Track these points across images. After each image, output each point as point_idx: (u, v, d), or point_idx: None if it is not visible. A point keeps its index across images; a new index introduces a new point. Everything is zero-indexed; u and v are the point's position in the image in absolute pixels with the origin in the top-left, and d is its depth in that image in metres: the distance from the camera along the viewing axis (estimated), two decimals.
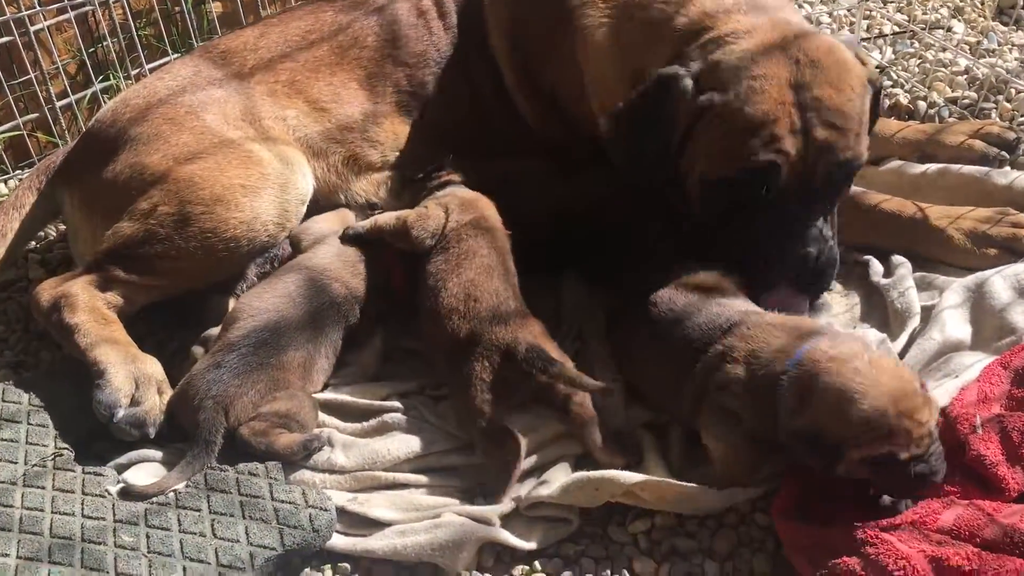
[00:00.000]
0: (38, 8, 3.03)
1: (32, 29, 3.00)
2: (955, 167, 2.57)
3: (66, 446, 2.09)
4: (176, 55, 3.24)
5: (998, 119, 2.81)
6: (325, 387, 2.23)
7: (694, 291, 2.06)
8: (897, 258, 2.35)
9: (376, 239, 2.33)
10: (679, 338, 1.98)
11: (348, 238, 2.37)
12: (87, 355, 2.22)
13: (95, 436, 2.16)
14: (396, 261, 2.30)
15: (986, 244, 2.32)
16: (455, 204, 2.30)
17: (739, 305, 2.01)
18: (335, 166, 2.59)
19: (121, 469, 2.08)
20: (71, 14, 3.06)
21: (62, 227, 2.83)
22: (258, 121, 2.55)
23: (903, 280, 2.26)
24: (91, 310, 2.29)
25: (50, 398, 2.21)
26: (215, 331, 2.22)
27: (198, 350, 2.23)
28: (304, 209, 2.49)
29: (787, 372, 1.77)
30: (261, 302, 2.13)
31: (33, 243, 2.85)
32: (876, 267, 2.36)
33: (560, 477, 1.94)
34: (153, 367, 2.23)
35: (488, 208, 2.32)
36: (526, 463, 1.98)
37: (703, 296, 2.04)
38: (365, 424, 2.14)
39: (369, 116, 2.61)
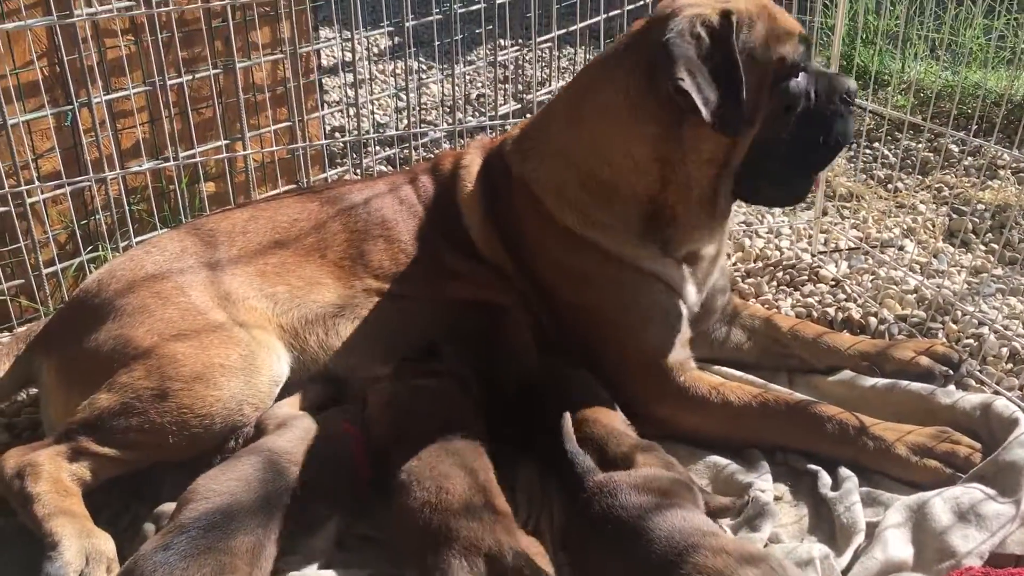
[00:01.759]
0: (37, 183, 3.18)
1: (28, 201, 3.13)
2: (903, 383, 2.68)
3: None
4: (164, 229, 3.37)
5: (944, 339, 2.95)
6: (272, 574, 2.22)
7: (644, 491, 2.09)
8: (844, 471, 2.42)
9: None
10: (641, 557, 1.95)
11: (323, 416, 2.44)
12: (43, 526, 2.21)
13: None
14: (362, 451, 2.34)
15: (927, 456, 2.40)
16: (423, 396, 2.35)
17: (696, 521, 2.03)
18: (313, 346, 2.67)
19: None
20: (68, 189, 3.21)
21: (32, 391, 2.87)
22: (241, 302, 2.64)
23: (849, 494, 2.32)
24: (54, 481, 2.30)
25: None
26: (169, 507, 2.23)
27: (149, 528, 2.23)
28: (277, 391, 2.56)
29: None
30: (217, 484, 2.15)
31: (1, 406, 2.88)
32: (824, 479, 2.42)
33: None
34: (106, 544, 2.23)
35: (460, 397, 2.37)
36: None
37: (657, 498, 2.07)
38: None
39: (348, 299, 2.71)
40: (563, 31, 4.42)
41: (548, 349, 2.70)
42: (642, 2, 4.34)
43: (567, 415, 2.30)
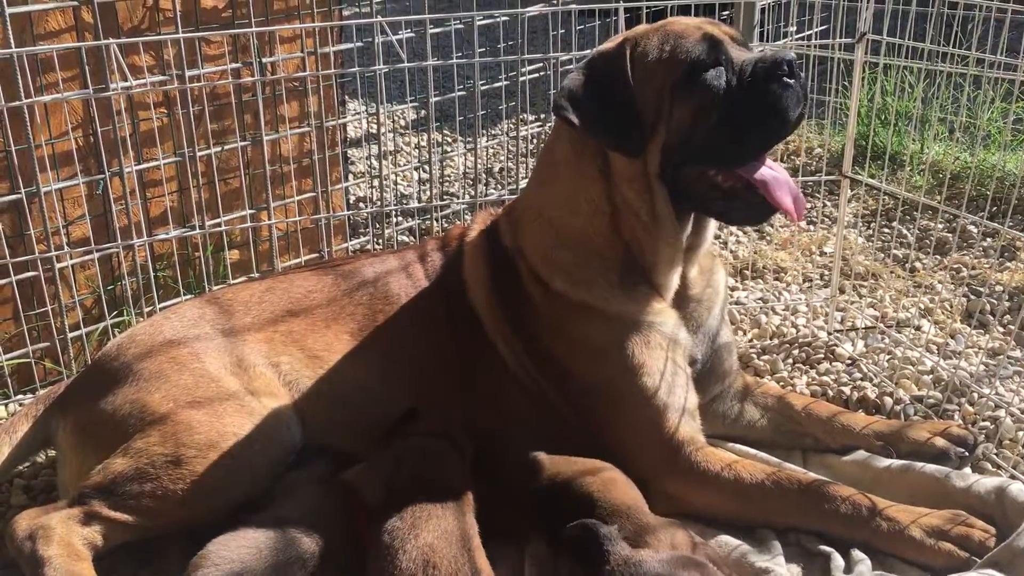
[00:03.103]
0: (67, 248, 3.26)
1: (57, 266, 3.21)
2: (917, 465, 2.66)
3: None
4: (189, 296, 3.44)
5: (960, 420, 2.93)
6: None
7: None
8: (857, 553, 2.39)
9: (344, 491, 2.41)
10: None
11: (324, 486, 2.45)
12: None
13: None
14: (364, 520, 2.35)
15: (942, 539, 2.37)
16: (411, 458, 2.36)
17: None
18: (321, 417, 2.70)
19: None
20: (96, 255, 3.29)
21: (51, 453, 2.90)
22: (253, 369, 2.68)
23: None
24: (65, 545, 2.33)
25: None
26: None
27: None
28: (290, 459, 2.58)
29: None
30: (227, 551, 2.17)
31: (20, 468, 2.92)
32: (837, 561, 2.40)
33: None
34: None
35: (449, 462, 2.38)
36: None
37: None
38: None
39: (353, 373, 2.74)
40: None
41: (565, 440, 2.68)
42: None
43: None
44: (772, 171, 2.54)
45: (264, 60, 3.57)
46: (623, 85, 2.51)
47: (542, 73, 4.25)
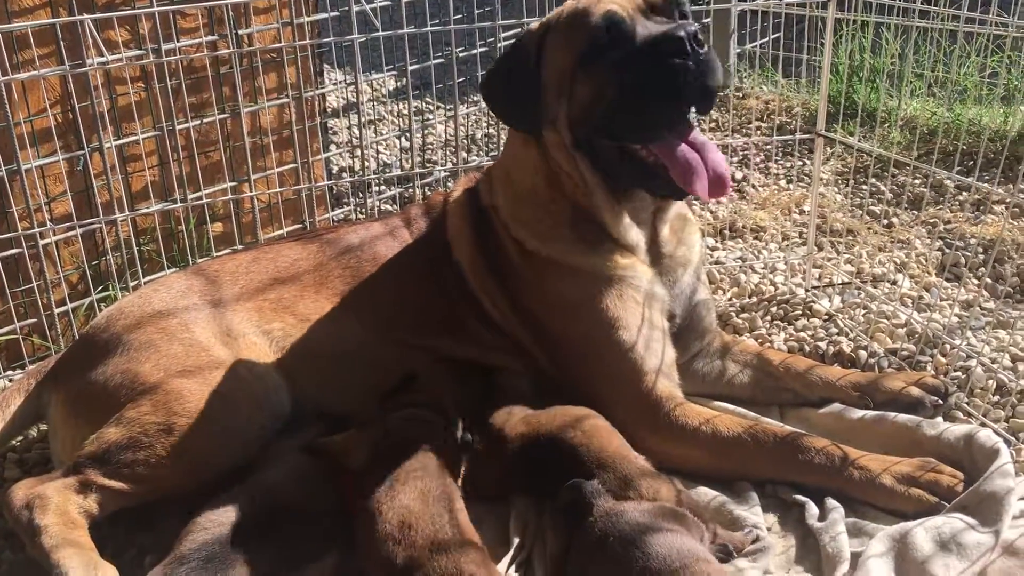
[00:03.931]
0: (50, 225, 3.29)
1: (41, 243, 3.24)
2: (890, 415, 2.72)
3: None
4: (173, 269, 3.47)
5: (933, 371, 3.00)
6: None
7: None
8: (831, 502, 2.46)
9: (329, 456, 2.46)
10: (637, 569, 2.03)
11: (307, 451, 2.50)
12: (50, 557, 2.28)
13: None
14: (351, 485, 2.40)
15: (912, 485, 2.44)
16: (399, 427, 2.41)
17: (693, 546, 2.10)
18: (312, 383, 2.75)
19: None
20: (79, 231, 3.31)
21: (43, 427, 2.95)
22: (244, 338, 2.73)
23: (835, 525, 2.36)
24: (61, 513, 2.38)
25: None
26: None
27: (152, 561, 2.30)
28: (279, 426, 2.63)
29: None
30: (215, 515, 2.22)
31: (14, 442, 2.96)
32: (812, 509, 2.47)
33: None
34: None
35: (435, 433, 2.43)
36: None
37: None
38: None
39: (343, 339, 2.79)
40: None
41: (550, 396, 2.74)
42: None
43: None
44: (688, 151, 2.53)
45: (240, 32, 3.58)
46: (524, 71, 2.65)
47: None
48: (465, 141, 5.09)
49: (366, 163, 4.07)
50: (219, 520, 2.20)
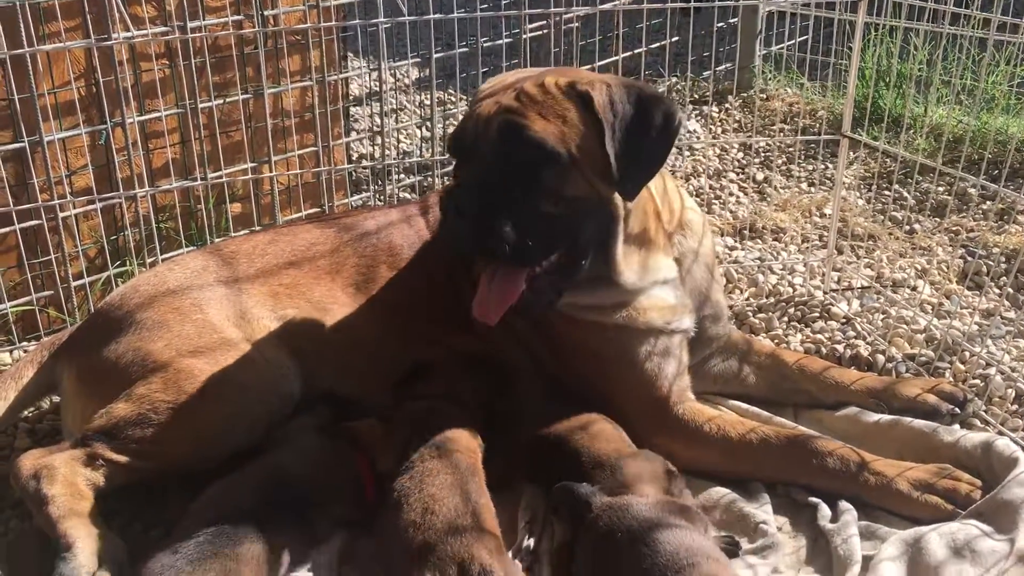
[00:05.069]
0: (70, 198, 3.29)
1: (61, 215, 3.24)
2: (906, 420, 2.70)
3: None
4: (191, 248, 3.47)
5: (951, 378, 2.97)
6: None
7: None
8: (844, 504, 2.44)
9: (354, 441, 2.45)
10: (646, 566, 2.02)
11: (331, 434, 2.49)
12: (57, 527, 2.29)
13: None
14: (369, 472, 2.39)
15: (928, 492, 2.42)
16: (421, 420, 2.40)
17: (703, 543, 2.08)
18: (323, 367, 2.73)
19: None
20: (99, 205, 3.31)
21: (55, 398, 2.95)
22: (258, 321, 2.71)
23: (847, 527, 2.34)
24: (68, 484, 2.38)
25: (13, 568, 2.26)
26: None
27: (159, 535, 2.30)
28: (290, 409, 2.63)
29: None
30: (226, 492, 2.22)
31: (26, 412, 2.97)
32: (824, 511, 2.45)
33: None
34: (117, 548, 2.31)
35: (459, 430, 2.41)
36: None
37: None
38: None
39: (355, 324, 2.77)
40: (586, 67, 4.50)
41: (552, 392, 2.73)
42: (663, 42, 4.42)
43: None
44: (484, 286, 2.48)
45: (265, 12, 3.57)
46: None
47: (544, 32, 4.24)
48: None
49: (386, 151, 4.06)
50: (229, 497, 2.20)
